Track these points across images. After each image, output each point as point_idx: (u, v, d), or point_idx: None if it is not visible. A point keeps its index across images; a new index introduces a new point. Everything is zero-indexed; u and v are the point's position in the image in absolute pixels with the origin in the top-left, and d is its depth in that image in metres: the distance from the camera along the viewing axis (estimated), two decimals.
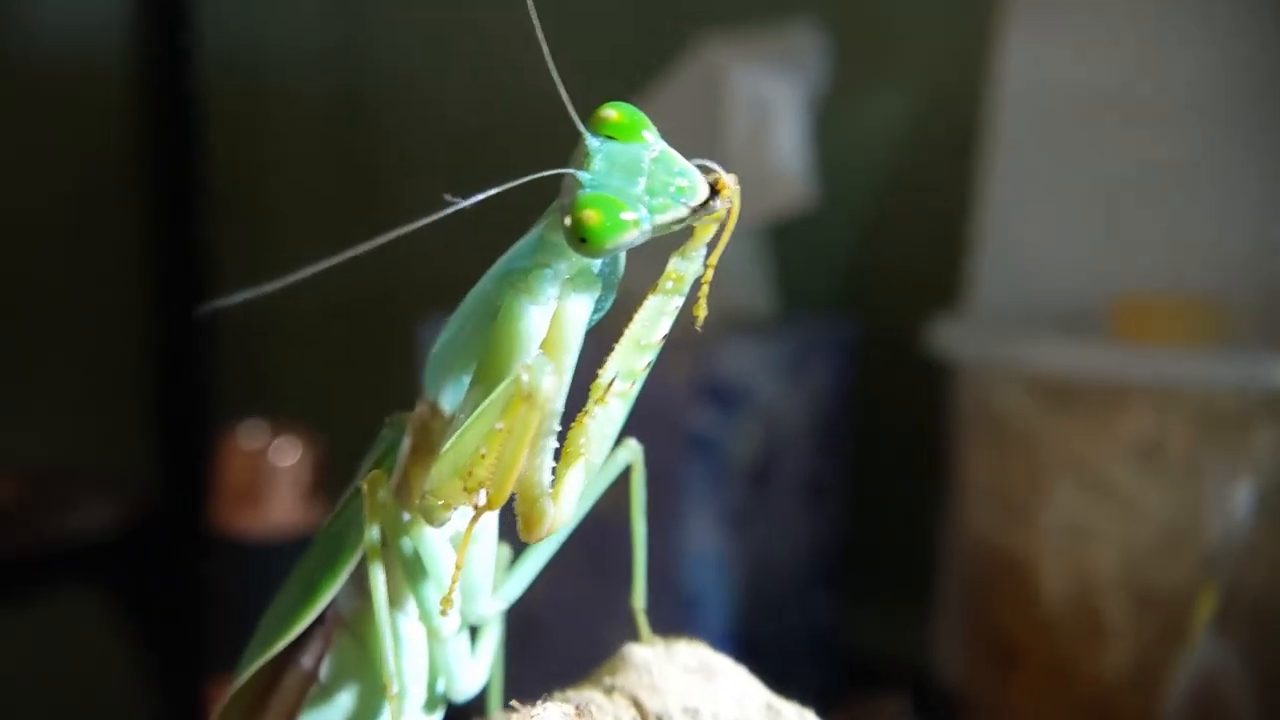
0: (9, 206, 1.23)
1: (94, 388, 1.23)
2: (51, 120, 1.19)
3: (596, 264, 0.32)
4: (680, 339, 0.31)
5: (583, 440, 0.31)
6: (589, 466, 0.31)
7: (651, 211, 0.30)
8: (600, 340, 0.32)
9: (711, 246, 0.32)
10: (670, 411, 0.72)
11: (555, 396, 0.30)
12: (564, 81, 0.30)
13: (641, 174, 0.30)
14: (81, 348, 1.23)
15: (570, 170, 0.30)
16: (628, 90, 0.84)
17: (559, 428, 0.31)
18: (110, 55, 1.16)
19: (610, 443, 0.32)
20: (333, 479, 0.75)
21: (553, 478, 0.31)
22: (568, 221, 0.30)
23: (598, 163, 0.30)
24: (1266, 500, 0.65)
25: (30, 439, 1.23)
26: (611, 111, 0.31)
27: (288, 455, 0.72)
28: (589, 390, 0.31)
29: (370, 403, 0.36)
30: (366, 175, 1.11)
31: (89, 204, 1.20)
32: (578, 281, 0.32)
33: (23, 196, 1.22)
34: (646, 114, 0.31)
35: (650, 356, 0.32)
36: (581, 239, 0.30)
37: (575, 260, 0.32)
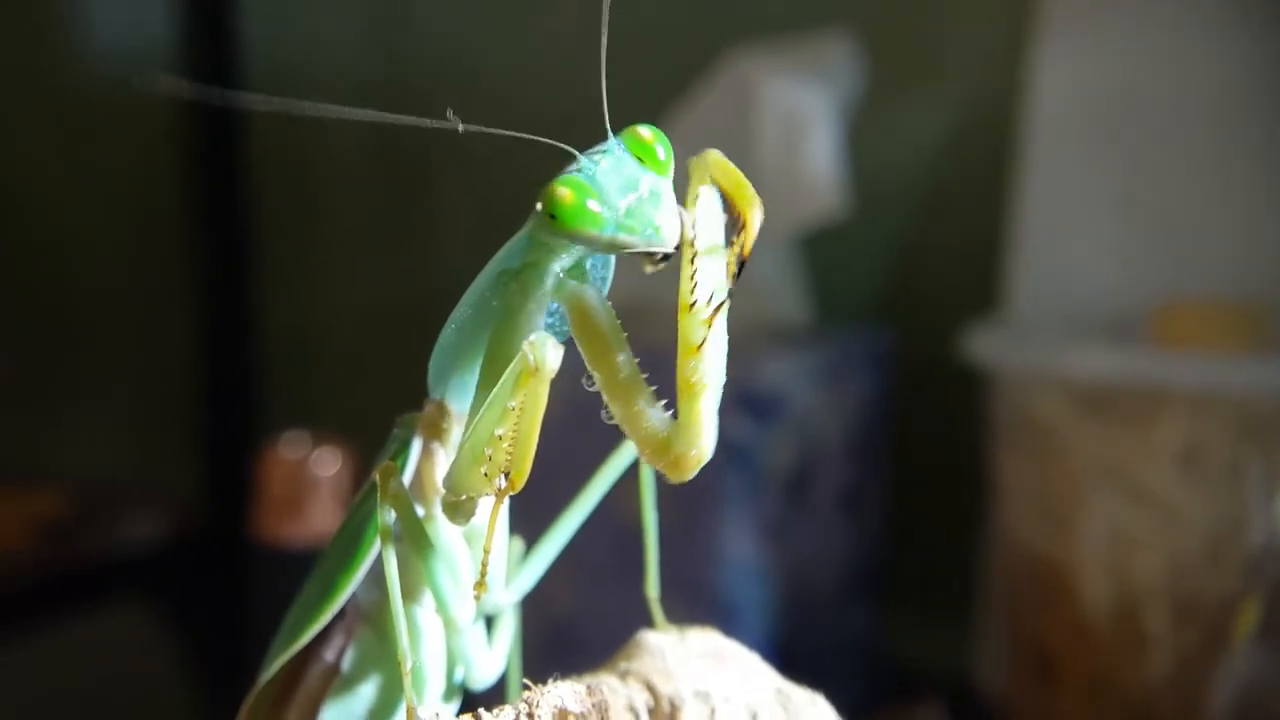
0: (59, 229, 1.26)
1: (141, 404, 1.25)
2: (100, 142, 1.21)
3: (586, 261, 0.33)
4: None
5: (701, 370, 0.30)
6: (717, 391, 0.31)
7: (618, 228, 0.30)
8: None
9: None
10: None
11: (558, 367, 0.30)
12: (597, 90, 0.31)
13: (633, 192, 0.30)
14: (129, 365, 1.25)
15: (573, 150, 0.31)
16: (661, 100, 0.85)
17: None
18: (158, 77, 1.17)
19: (725, 357, 0.31)
20: None
21: (669, 412, 0.31)
22: (540, 200, 0.30)
23: (604, 160, 0.30)
24: None
25: (80, 455, 1.26)
26: (645, 131, 0.31)
27: (328, 465, 0.73)
28: (680, 321, 0.30)
29: (409, 413, 0.37)
30: (412, 179, 1.12)
31: (136, 225, 1.22)
32: (570, 278, 0.32)
33: (73, 219, 1.25)
34: (681, 124, 0.31)
35: (728, 259, 0.30)
36: (550, 214, 0.30)
37: (565, 259, 0.32)
